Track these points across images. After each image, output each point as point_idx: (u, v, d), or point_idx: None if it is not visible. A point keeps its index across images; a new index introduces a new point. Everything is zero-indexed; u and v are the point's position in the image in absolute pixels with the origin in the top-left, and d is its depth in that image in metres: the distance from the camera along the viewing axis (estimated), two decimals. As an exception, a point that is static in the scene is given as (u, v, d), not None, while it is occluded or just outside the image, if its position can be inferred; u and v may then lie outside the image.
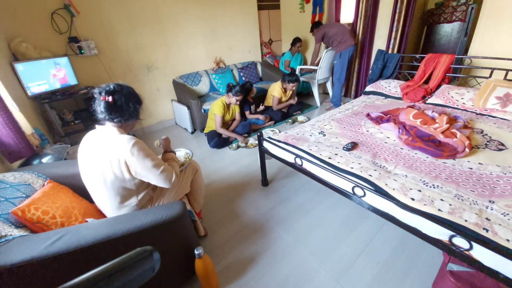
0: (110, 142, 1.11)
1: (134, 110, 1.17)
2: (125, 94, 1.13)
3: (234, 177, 2.37)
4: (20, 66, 2.14)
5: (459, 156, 1.51)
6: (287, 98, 3.52)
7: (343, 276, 1.41)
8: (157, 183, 1.19)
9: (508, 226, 1.01)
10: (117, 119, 1.14)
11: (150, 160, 1.14)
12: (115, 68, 3.03)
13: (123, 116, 1.14)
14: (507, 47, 2.33)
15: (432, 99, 2.45)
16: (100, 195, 1.21)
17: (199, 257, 1.23)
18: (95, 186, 1.19)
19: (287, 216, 1.85)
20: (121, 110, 1.12)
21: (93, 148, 1.15)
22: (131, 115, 1.16)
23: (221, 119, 2.85)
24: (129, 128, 1.23)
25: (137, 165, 1.11)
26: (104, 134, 1.15)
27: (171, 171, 1.22)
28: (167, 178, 1.19)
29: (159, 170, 1.16)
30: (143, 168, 1.12)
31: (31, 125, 1.94)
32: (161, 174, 1.16)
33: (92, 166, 1.15)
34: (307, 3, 4.15)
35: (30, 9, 2.38)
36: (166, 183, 1.20)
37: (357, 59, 3.77)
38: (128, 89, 1.16)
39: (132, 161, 1.10)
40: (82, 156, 1.19)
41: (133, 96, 1.17)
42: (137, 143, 1.11)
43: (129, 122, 1.19)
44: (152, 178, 1.16)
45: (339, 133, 1.97)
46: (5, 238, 0.93)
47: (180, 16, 3.35)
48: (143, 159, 1.11)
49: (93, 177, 1.17)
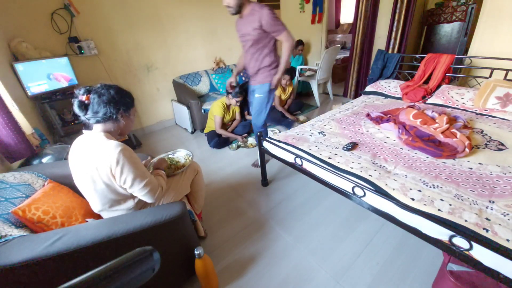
0: (97, 149, 1.05)
1: (115, 109, 1.08)
2: (102, 93, 1.06)
3: (234, 177, 2.37)
4: (20, 66, 2.14)
5: (459, 156, 1.51)
6: (287, 95, 3.51)
7: (343, 276, 1.41)
8: (140, 196, 1.13)
9: (508, 226, 1.01)
10: (93, 119, 1.07)
11: (135, 169, 1.07)
12: (115, 68, 3.03)
13: (97, 115, 1.06)
14: (507, 47, 2.33)
15: (432, 99, 2.45)
16: (94, 200, 1.15)
17: (199, 257, 1.23)
18: (88, 192, 1.14)
19: (287, 216, 1.85)
20: (95, 108, 1.05)
21: (81, 155, 1.09)
22: (109, 114, 1.07)
23: (220, 120, 2.85)
24: (116, 133, 1.16)
25: (121, 174, 1.05)
26: (91, 140, 1.08)
27: (156, 185, 1.16)
28: (151, 191, 1.13)
29: (144, 182, 1.10)
30: (127, 177, 1.06)
31: (31, 125, 1.94)
32: (144, 187, 1.10)
33: (82, 174, 1.10)
34: (307, 3, 4.15)
35: (30, 9, 2.38)
36: (149, 197, 1.13)
37: (357, 59, 3.77)
38: (109, 88, 1.08)
39: (117, 170, 1.04)
40: (72, 163, 1.14)
41: (115, 95, 1.08)
42: (123, 151, 1.04)
43: (108, 123, 1.10)
44: (135, 190, 1.10)
45: (339, 133, 1.97)
46: (5, 238, 0.93)
47: (180, 16, 3.34)
48: (128, 168, 1.05)
49: (85, 184, 1.12)
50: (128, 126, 1.19)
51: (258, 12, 1.80)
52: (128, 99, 1.14)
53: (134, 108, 1.20)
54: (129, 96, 1.16)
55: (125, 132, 1.21)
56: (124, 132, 1.20)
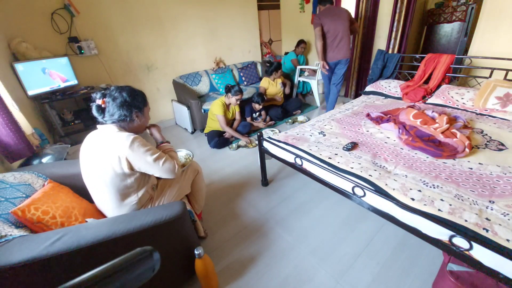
0: (109, 139, 1.13)
1: (128, 111, 1.17)
2: (115, 96, 1.15)
3: (234, 177, 2.37)
4: (20, 66, 2.14)
5: (459, 156, 1.51)
6: (276, 89, 3.51)
7: (343, 276, 1.41)
8: (162, 175, 1.21)
9: (508, 226, 1.01)
10: (110, 121, 1.17)
11: (151, 154, 1.16)
12: (115, 68, 3.03)
13: (113, 117, 1.16)
14: (507, 47, 2.33)
15: (432, 99, 2.45)
16: (101, 194, 1.22)
17: (199, 257, 1.23)
18: (96, 185, 1.20)
19: (287, 216, 1.85)
20: (111, 111, 1.15)
21: (94, 147, 1.17)
22: (123, 117, 1.17)
23: (223, 118, 2.85)
24: (131, 130, 1.23)
25: (138, 160, 1.13)
26: (104, 133, 1.16)
27: (173, 162, 1.24)
28: (171, 169, 1.21)
29: (161, 162, 1.18)
30: (145, 162, 1.15)
31: (31, 125, 1.94)
32: (163, 166, 1.19)
33: (93, 165, 1.17)
34: (307, 3, 4.15)
35: (30, 9, 2.38)
36: (171, 174, 1.22)
37: (357, 59, 3.77)
38: (122, 91, 1.17)
39: (133, 157, 1.12)
40: (83, 155, 1.21)
41: (128, 97, 1.17)
42: (136, 139, 1.13)
43: (124, 123, 1.19)
44: (156, 172, 1.19)
45: (339, 133, 1.97)
46: (5, 238, 0.93)
47: (180, 16, 3.35)
48: (144, 154, 1.13)
49: (94, 175, 1.18)
50: (143, 124, 1.29)
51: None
52: (140, 100, 1.23)
53: (148, 106, 1.28)
54: (142, 96, 1.25)
55: (140, 129, 1.29)
56: (140, 130, 1.29)
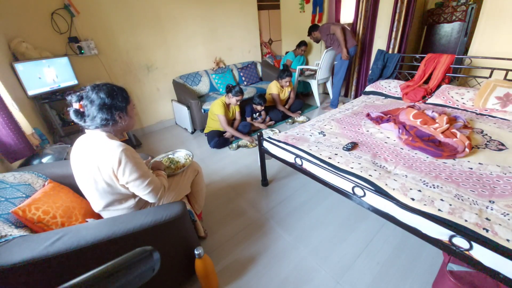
0: (99, 148, 1.04)
1: (109, 114, 1.05)
2: (92, 98, 1.03)
3: (234, 177, 2.37)
4: (20, 66, 2.14)
5: (459, 156, 1.51)
6: (285, 95, 3.52)
7: (343, 276, 1.41)
8: (143, 195, 1.12)
9: (508, 226, 1.01)
10: (93, 126, 1.06)
11: (137, 169, 1.06)
12: (115, 68, 3.03)
13: (95, 122, 1.05)
14: (507, 47, 2.33)
15: (432, 99, 2.45)
16: (95, 200, 1.15)
17: (199, 257, 1.23)
18: (89, 192, 1.14)
19: (287, 216, 1.85)
20: (91, 115, 1.04)
21: (83, 155, 1.08)
22: (105, 121, 1.06)
23: (224, 118, 2.85)
24: (119, 132, 1.16)
25: (124, 174, 1.04)
26: (93, 140, 1.07)
27: (158, 184, 1.15)
28: (154, 190, 1.12)
29: (146, 181, 1.09)
30: (130, 177, 1.05)
31: (31, 125, 1.95)
32: (147, 186, 1.09)
33: (84, 173, 1.10)
34: (307, 3, 4.14)
35: (30, 9, 2.38)
36: (152, 196, 1.12)
37: (357, 59, 3.77)
38: (99, 92, 1.04)
39: (119, 170, 1.03)
40: (73, 162, 1.13)
41: (107, 98, 1.04)
42: (126, 151, 1.03)
43: (108, 126, 1.08)
44: (138, 190, 1.10)
45: (339, 133, 1.97)
46: (5, 238, 0.93)
47: (180, 16, 3.35)
48: (130, 168, 1.04)
49: (86, 183, 1.11)
50: (129, 124, 1.17)
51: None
52: (121, 98, 1.09)
53: (131, 104, 1.15)
54: (122, 94, 1.09)
55: (128, 129, 1.20)
56: (127, 129, 1.20)
